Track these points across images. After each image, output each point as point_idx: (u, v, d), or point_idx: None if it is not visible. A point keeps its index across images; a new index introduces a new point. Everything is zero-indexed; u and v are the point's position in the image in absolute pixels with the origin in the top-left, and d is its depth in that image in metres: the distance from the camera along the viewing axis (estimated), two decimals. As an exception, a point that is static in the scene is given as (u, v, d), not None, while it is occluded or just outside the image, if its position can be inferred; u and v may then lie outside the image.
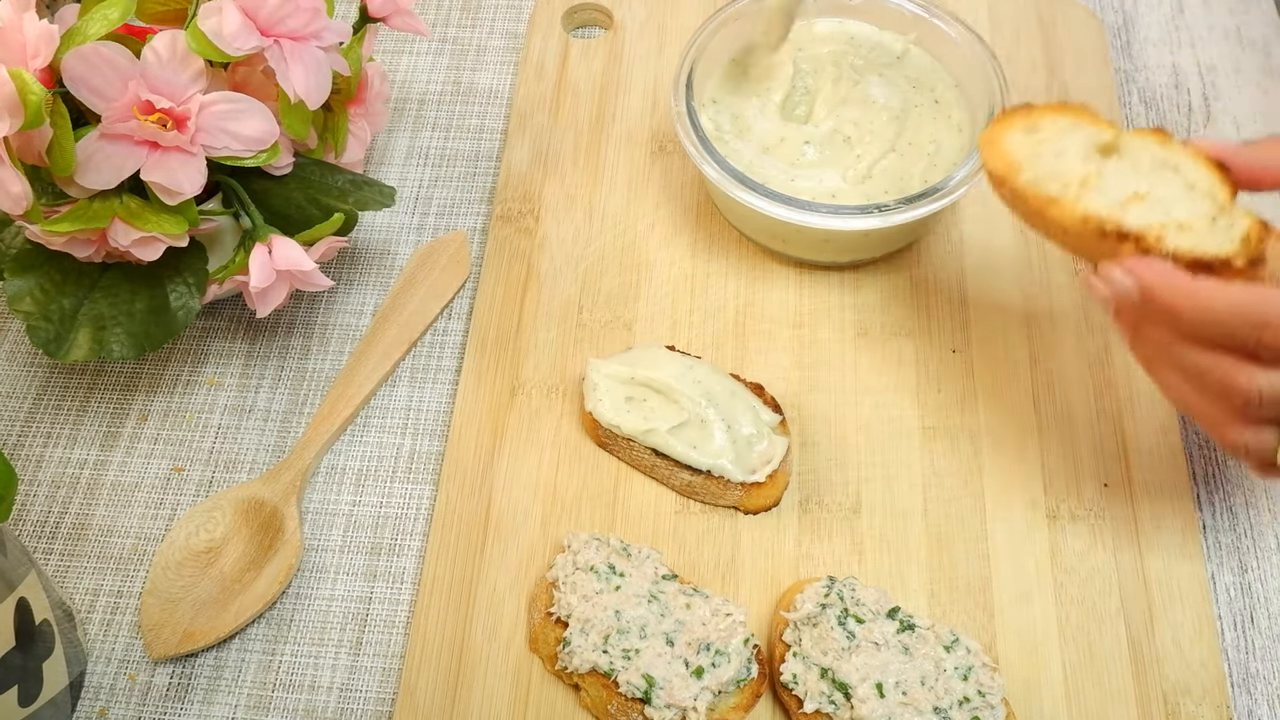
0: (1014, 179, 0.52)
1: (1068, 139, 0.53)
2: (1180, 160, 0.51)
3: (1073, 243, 0.52)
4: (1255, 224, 0.49)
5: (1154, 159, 0.52)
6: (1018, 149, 0.53)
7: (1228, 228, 0.49)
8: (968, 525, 0.61)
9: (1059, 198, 0.51)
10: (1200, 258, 0.48)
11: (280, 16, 0.57)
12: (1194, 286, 0.46)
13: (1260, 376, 0.46)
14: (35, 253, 0.61)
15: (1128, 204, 0.50)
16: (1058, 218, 0.51)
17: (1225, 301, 0.45)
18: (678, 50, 0.79)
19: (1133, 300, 0.48)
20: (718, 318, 0.69)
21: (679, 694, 0.53)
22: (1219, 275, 0.47)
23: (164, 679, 0.59)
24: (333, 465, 0.65)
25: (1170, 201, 0.50)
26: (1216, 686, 0.56)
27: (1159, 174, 0.51)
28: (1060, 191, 0.51)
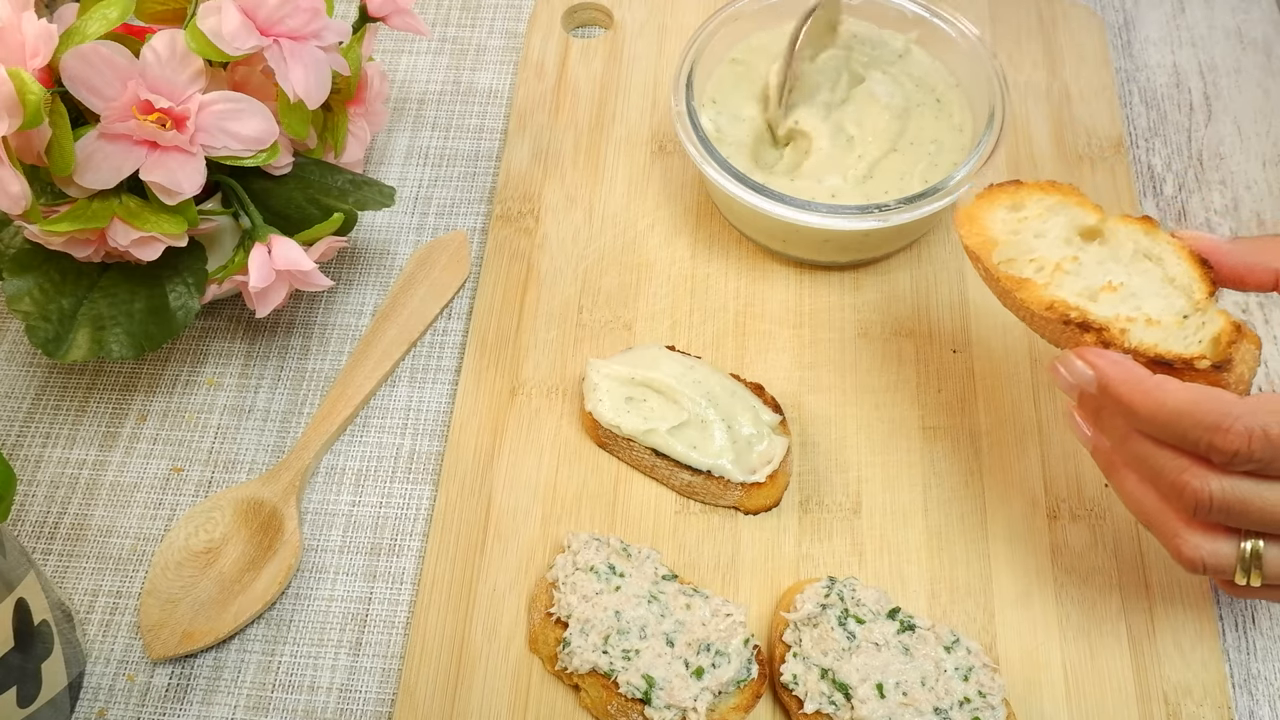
0: (987, 257, 0.52)
1: (1051, 220, 0.53)
2: (1163, 251, 0.50)
3: (1040, 327, 0.51)
4: (1228, 326, 0.47)
5: (1137, 248, 0.51)
6: (997, 226, 0.53)
7: (1199, 327, 0.48)
8: (968, 525, 0.61)
9: (1029, 281, 0.50)
10: (1163, 355, 0.47)
11: (280, 16, 0.57)
12: (1151, 383, 0.45)
13: (1213, 480, 0.45)
14: (34, 252, 0.61)
15: (1099, 293, 0.50)
16: (1025, 300, 0.50)
17: (1178, 400, 0.44)
18: (678, 50, 0.79)
19: (1092, 390, 0.47)
20: (718, 318, 0.68)
21: (679, 694, 0.53)
22: (1182, 375, 0.46)
23: (163, 679, 0.59)
24: (332, 465, 0.65)
25: (1144, 294, 0.49)
26: (1217, 687, 0.56)
27: (1139, 264, 0.51)
28: (1033, 274, 0.51)
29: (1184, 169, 0.75)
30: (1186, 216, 0.72)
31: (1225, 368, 0.46)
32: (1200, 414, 0.44)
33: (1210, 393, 0.44)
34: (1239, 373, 0.47)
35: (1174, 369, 0.46)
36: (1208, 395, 0.44)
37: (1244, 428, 0.43)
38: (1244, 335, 0.47)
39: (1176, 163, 0.75)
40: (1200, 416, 0.44)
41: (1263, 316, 0.68)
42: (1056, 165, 0.73)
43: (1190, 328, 0.48)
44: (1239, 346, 0.47)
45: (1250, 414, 0.43)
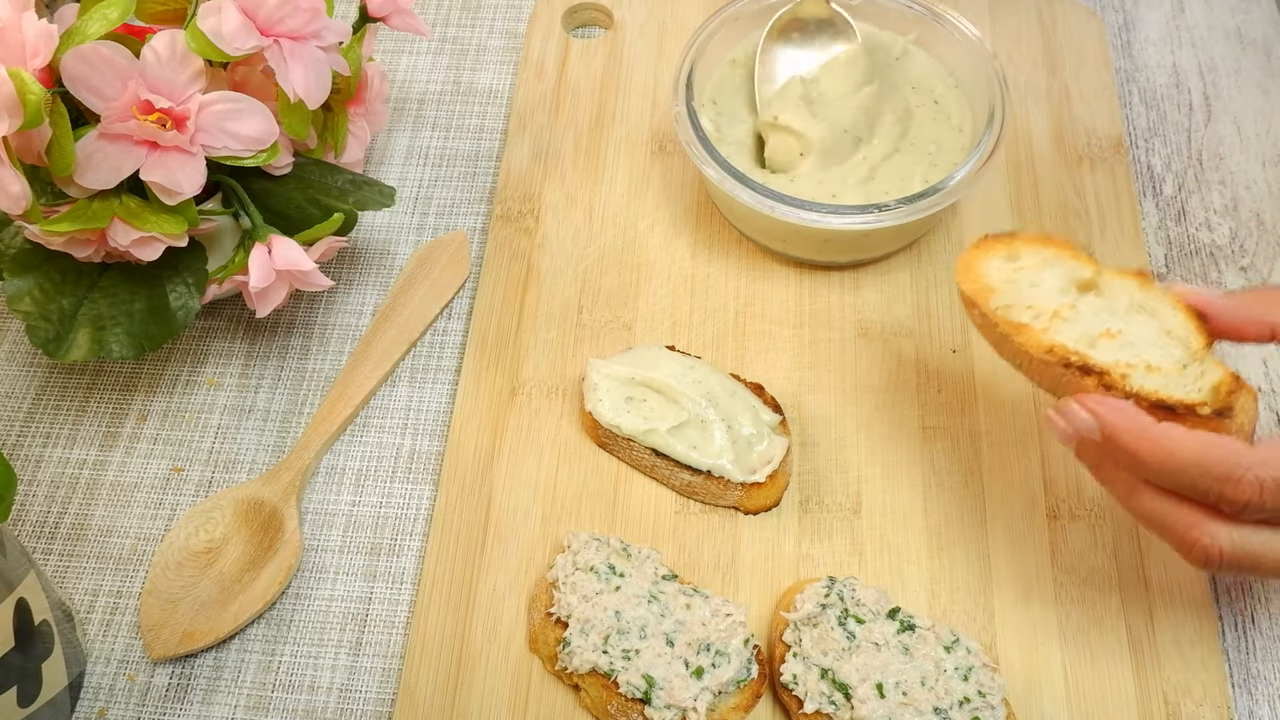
0: (984, 302, 0.52)
1: (1047, 271, 0.53)
2: (1158, 305, 0.51)
3: (1038, 373, 0.51)
4: (1227, 376, 0.47)
5: (1132, 301, 0.51)
6: (994, 273, 0.53)
7: (1198, 376, 0.48)
8: (968, 525, 0.61)
9: (1027, 326, 0.50)
10: (1165, 400, 0.47)
11: (280, 16, 0.57)
12: (1157, 431, 0.44)
13: (1222, 534, 0.44)
14: (34, 253, 0.61)
15: (1097, 340, 0.50)
16: (1024, 345, 0.50)
17: (1187, 450, 0.44)
18: (678, 50, 0.79)
19: (1094, 439, 0.46)
20: (718, 318, 0.69)
21: (679, 694, 0.53)
22: (1184, 421, 0.46)
23: (163, 679, 0.59)
24: (332, 465, 0.65)
25: (1142, 343, 0.49)
26: (1217, 687, 0.56)
27: (1134, 316, 0.51)
28: (1031, 320, 0.51)
29: (1184, 169, 0.75)
30: (1186, 216, 0.73)
31: (1227, 415, 0.46)
32: (1210, 463, 0.43)
33: (1219, 441, 0.44)
34: (1240, 422, 0.47)
35: (1176, 415, 0.46)
36: (1216, 444, 0.43)
37: (1255, 478, 0.42)
38: (1242, 386, 0.47)
39: (1176, 163, 0.75)
40: (1209, 466, 0.43)
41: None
42: (1056, 165, 0.73)
43: (1190, 376, 0.48)
44: (1239, 396, 0.47)
45: (1261, 464, 0.42)
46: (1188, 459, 0.44)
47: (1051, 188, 0.72)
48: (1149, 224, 0.72)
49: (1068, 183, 0.72)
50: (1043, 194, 0.72)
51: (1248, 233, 0.72)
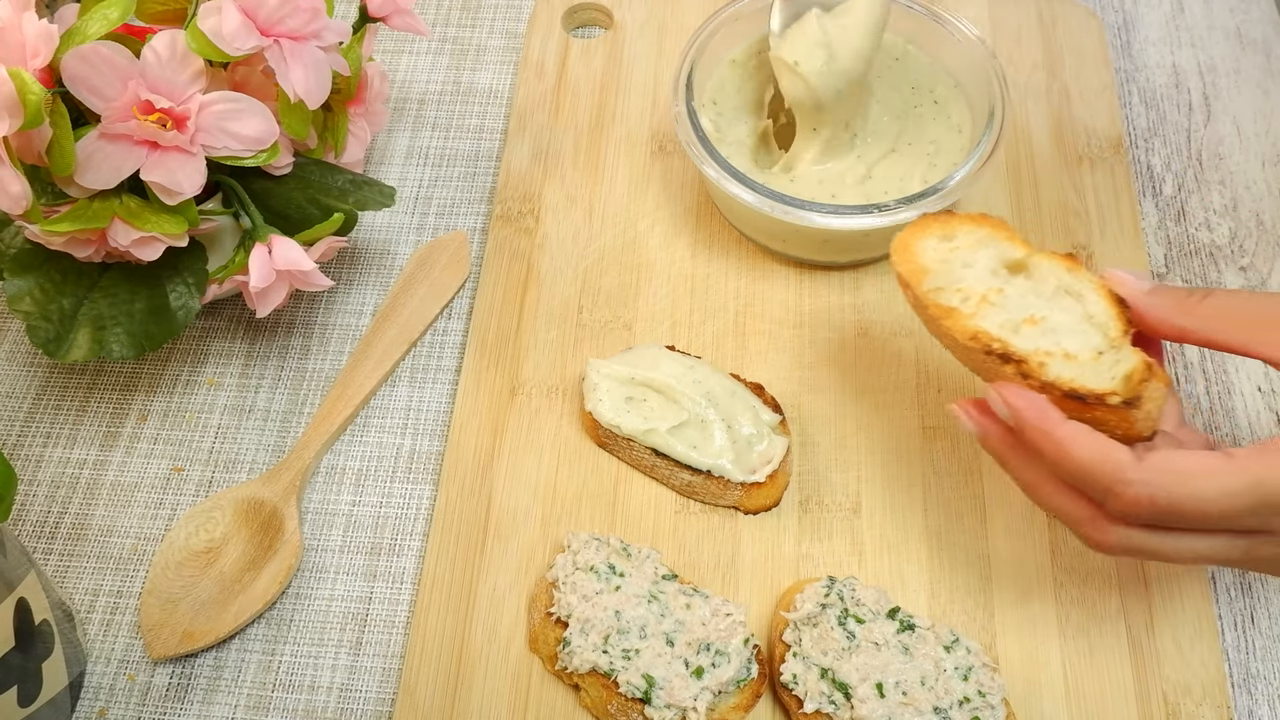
0: (917, 285, 0.52)
1: (980, 251, 0.53)
2: (1084, 289, 0.51)
3: (963, 355, 0.52)
4: (1140, 365, 0.48)
5: (1059, 284, 0.52)
6: (929, 255, 0.54)
7: (1113, 364, 0.49)
8: (968, 525, 0.61)
9: (955, 310, 0.51)
10: (1077, 390, 0.48)
11: (280, 16, 0.57)
12: (1061, 433, 0.47)
13: (1111, 533, 0.47)
14: (35, 253, 0.61)
15: (1021, 325, 0.51)
16: (950, 330, 0.51)
17: (1083, 456, 0.46)
18: (678, 50, 0.79)
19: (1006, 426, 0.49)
20: (718, 318, 0.69)
21: (679, 694, 0.53)
22: (1093, 410, 0.47)
23: (164, 679, 0.59)
24: (333, 465, 0.65)
25: (1064, 330, 0.50)
26: (1217, 686, 0.56)
27: (1060, 300, 0.51)
28: (960, 304, 0.52)
29: (1183, 169, 0.75)
30: (1186, 216, 0.73)
31: (1135, 405, 0.47)
32: (1099, 473, 0.46)
33: (1110, 453, 0.46)
34: (1147, 410, 0.48)
35: (1087, 404, 0.47)
36: (1107, 456, 0.46)
37: (1134, 495, 0.45)
38: (1155, 374, 0.48)
39: (1176, 163, 0.75)
40: (1098, 476, 0.46)
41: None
42: (1056, 165, 0.73)
43: (1105, 364, 0.49)
44: (1149, 385, 0.48)
45: (1142, 482, 0.45)
46: (1081, 464, 0.46)
47: (1051, 188, 0.72)
48: (1149, 224, 0.72)
49: (1067, 183, 0.72)
50: (1042, 194, 0.72)
51: (1247, 233, 0.72)
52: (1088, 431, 0.47)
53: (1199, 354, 0.67)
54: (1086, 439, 0.46)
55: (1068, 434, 0.46)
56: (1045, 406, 0.47)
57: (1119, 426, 0.48)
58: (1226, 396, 0.66)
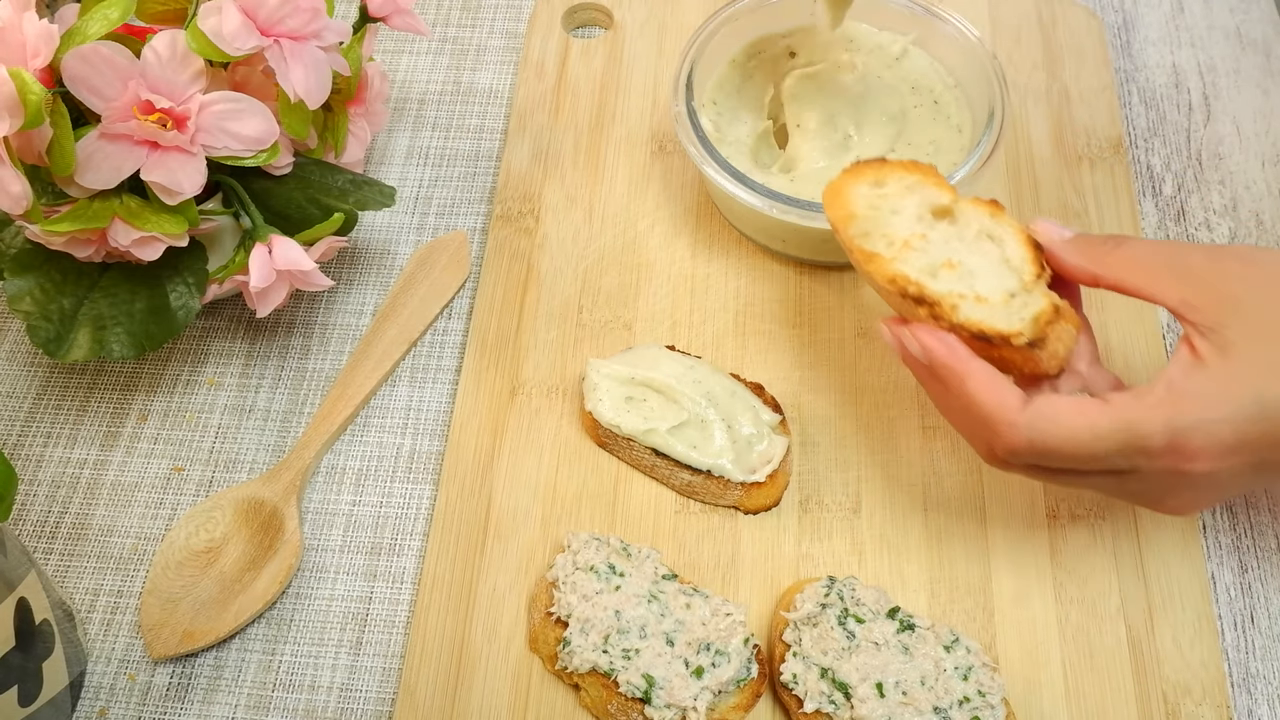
0: (845, 230, 0.55)
1: (908, 198, 0.55)
2: (1005, 234, 0.54)
3: (886, 298, 0.54)
4: (1048, 307, 0.51)
5: (981, 229, 0.54)
6: (858, 201, 0.55)
7: (1023, 306, 0.51)
8: (968, 525, 0.61)
9: (877, 255, 0.53)
10: (984, 331, 0.50)
11: (280, 16, 0.57)
12: (964, 370, 0.50)
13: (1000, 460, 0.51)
14: (35, 253, 0.61)
15: (939, 270, 0.53)
16: (873, 273, 0.53)
17: (978, 395, 0.50)
18: (678, 50, 0.79)
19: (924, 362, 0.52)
20: (718, 318, 0.69)
21: (679, 694, 0.53)
22: (1000, 349, 0.50)
23: (164, 679, 0.59)
24: (333, 465, 0.65)
25: (980, 273, 0.53)
26: (1217, 686, 0.56)
27: (981, 244, 0.54)
28: (884, 249, 0.54)
29: (1183, 169, 0.75)
30: (1186, 216, 0.73)
31: (1039, 345, 0.50)
32: (987, 414, 0.50)
33: (1001, 396, 0.49)
34: (1053, 350, 0.51)
35: (993, 344, 0.50)
36: (998, 398, 0.49)
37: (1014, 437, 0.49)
38: (1062, 316, 0.51)
39: (1176, 163, 0.75)
40: (986, 415, 0.50)
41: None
42: (1056, 165, 0.73)
43: (1015, 306, 0.51)
44: (1056, 327, 0.51)
45: (1024, 425, 0.49)
46: (975, 402, 0.50)
47: (1051, 188, 0.72)
48: (1148, 224, 0.72)
49: (1067, 183, 0.72)
50: (1042, 194, 0.72)
51: (1247, 233, 0.72)
52: (988, 373, 0.50)
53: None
54: (984, 379, 0.50)
55: (968, 371, 0.50)
56: (954, 345, 0.51)
57: (1025, 365, 0.51)
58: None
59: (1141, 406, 0.48)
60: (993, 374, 0.50)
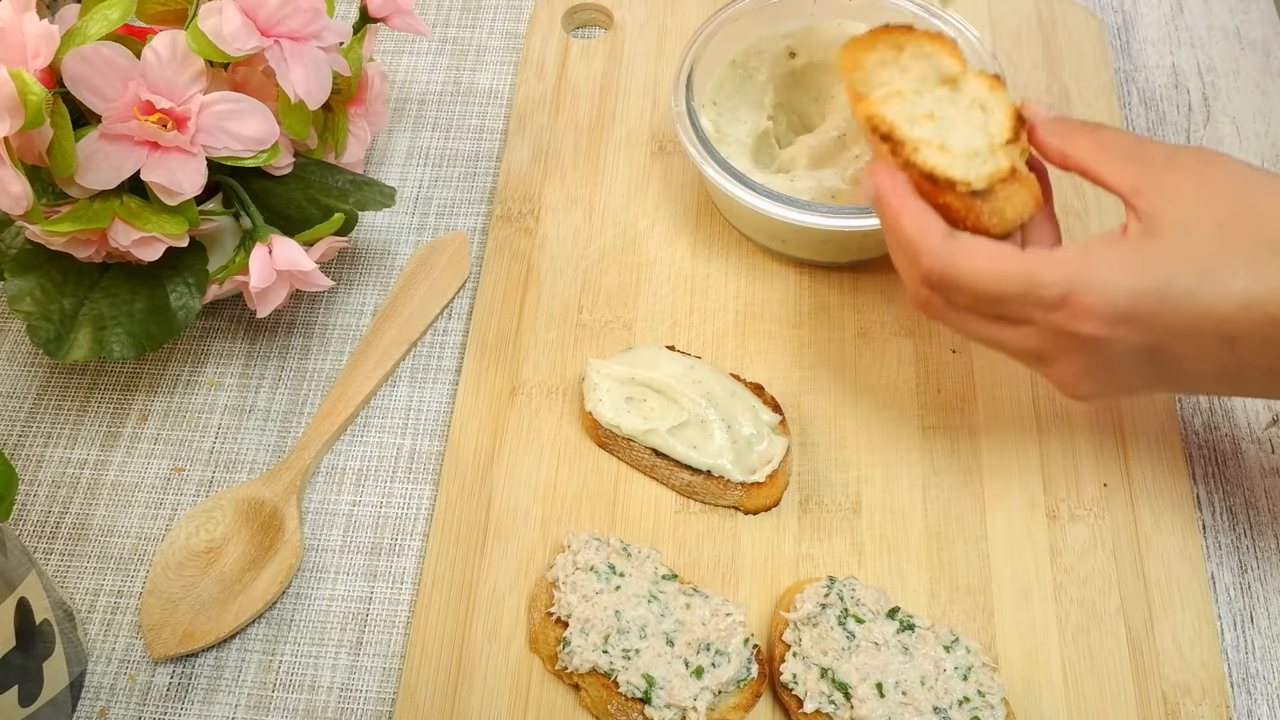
0: (849, 76, 0.56)
1: (920, 62, 0.56)
2: (996, 107, 0.54)
3: (868, 142, 0.56)
4: (1006, 167, 0.52)
5: (975, 98, 0.55)
6: (871, 56, 0.57)
7: (983, 163, 0.52)
8: (968, 525, 0.61)
9: (867, 97, 0.54)
10: (933, 173, 0.51)
11: (280, 17, 0.57)
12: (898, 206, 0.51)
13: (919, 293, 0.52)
14: (35, 253, 0.61)
15: (919, 119, 0.54)
16: (857, 113, 0.54)
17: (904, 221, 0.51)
18: (678, 50, 0.79)
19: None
20: (718, 318, 0.69)
21: (679, 694, 0.53)
22: (944, 194, 0.51)
23: (164, 679, 0.59)
24: (333, 465, 0.65)
25: (955, 130, 0.54)
26: (1216, 686, 0.56)
27: (970, 111, 0.55)
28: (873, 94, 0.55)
29: (1183, 169, 0.75)
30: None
31: (983, 197, 0.51)
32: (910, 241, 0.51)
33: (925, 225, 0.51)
34: (997, 208, 0.52)
35: (939, 186, 0.51)
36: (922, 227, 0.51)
37: (927, 265, 0.50)
38: (1020, 180, 0.52)
39: (1176, 163, 0.75)
40: (908, 243, 0.51)
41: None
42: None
43: (975, 163, 0.52)
44: (1008, 187, 0.52)
45: (936, 253, 0.50)
46: (903, 232, 0.51)
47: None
48: (1148, 224, 0.72)
49: (1067, 182, 0.72)
50: (1042, 194, 0.72)
51: (1247, 233, 0.72)
52: (921, 209, 0.51)
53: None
54: (916, 211, 0.51)
55: (903, 206, 0.51)
56: (897, 180, 0.52)
57: (967, 218, 0.52)
58: (1226, 396, 0.66)
59: (1050, 259, 0.49)
60: (925, 210, 0.51)
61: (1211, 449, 0.64)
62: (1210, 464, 0.64)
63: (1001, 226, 0.52)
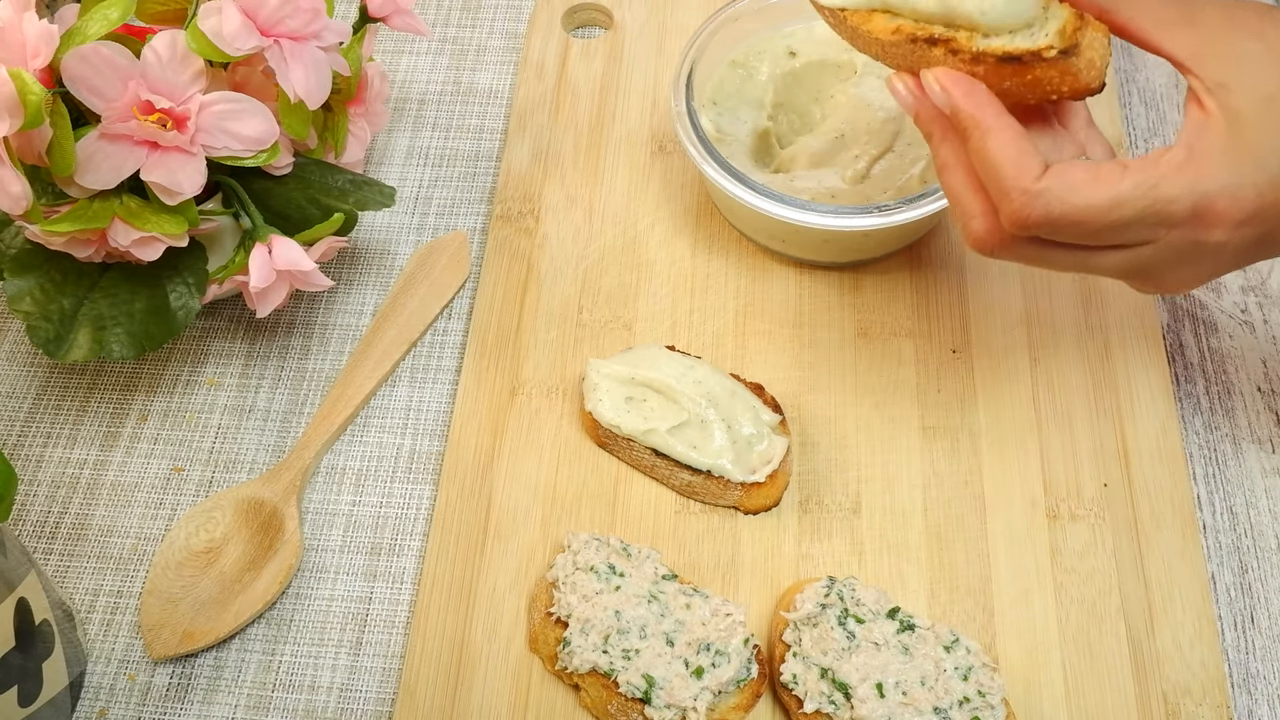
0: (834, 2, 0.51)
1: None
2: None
3: (889, 55, 0.50)
4: (1071, 15, 0.47)
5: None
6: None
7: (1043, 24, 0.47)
8: (968, 525, 0.61)
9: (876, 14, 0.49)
10: (1011, 53, 0.46)
11: (280, 16, 0.57)
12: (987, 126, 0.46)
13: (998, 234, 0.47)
14: (35, 253, 0.61)
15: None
16: (872, 31, 0.49)
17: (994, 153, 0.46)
18: (678, 50, 0.79)
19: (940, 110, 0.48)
20: (718, 318, 0.69)
21: (679, 694, 0.53)
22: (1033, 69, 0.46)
23: (164, 679, 0.59)
24: (333, 465, 0.65)
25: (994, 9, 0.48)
26: (1217, 687, 0.56)
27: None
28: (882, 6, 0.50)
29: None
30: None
31: (1073, 53, 0.46)
32: (1005, 174, 0.45)
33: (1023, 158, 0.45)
34: (1088, 58, 0.47)
35: (1024, 64, 0.46)
36: (1019, 160, 0.45)
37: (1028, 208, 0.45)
38: (1088, 23, 0.47)
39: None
40: (1004, 176, 0.45)
41: (1262, 317, 0.68)
42: (1056, 165, 0.73)
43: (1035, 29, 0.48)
44: (1084, 33, 0.47)
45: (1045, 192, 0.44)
46: (993, 159, 0.45)
47: (1051, 188, 0.72)
48: (1149, 224, 0.72)
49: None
50: (1042, 194, 0.72)
51: (1247, 233, 0.72)
52: (1014, 130, 0.46)
53: (1198, 354, 0.67)
54: (1009, 136, 0.46)
55: (994, 124, 0.46)
56: (980, 91, 0.47)
57: (1064, 83, 0.47)
58: (1226, 396, 0.66)
59: (1162, 169, 0.44)
60: (1018, 131, 0.46)
61: (1211, 449, 0.64)
62: (1210, 464, 0.64)
63: (1098, 79, 0.47)
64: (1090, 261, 0.48)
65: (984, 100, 0.46)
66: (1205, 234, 0.45)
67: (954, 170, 0.48)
